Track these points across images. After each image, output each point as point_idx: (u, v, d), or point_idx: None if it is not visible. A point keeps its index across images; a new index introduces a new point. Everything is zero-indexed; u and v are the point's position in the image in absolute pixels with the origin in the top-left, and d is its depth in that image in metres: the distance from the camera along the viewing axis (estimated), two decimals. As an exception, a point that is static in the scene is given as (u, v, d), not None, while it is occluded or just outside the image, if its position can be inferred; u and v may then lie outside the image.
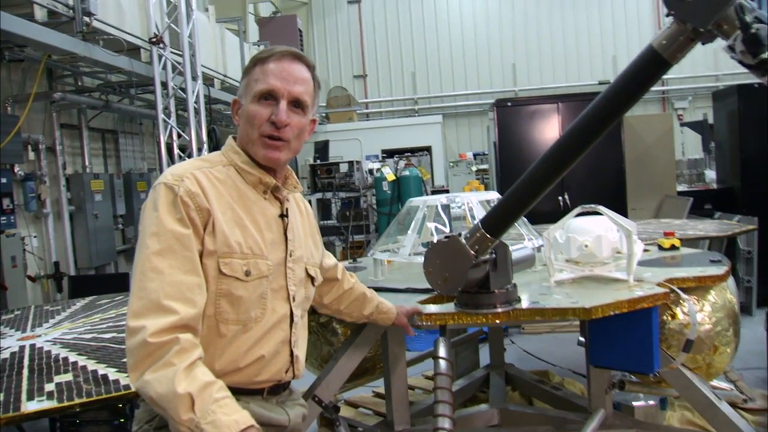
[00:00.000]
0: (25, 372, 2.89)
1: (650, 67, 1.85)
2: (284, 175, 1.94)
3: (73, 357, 3.08)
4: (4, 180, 6.16)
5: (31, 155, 6.91)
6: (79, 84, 7.80)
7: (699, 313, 2.98)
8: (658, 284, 2.79)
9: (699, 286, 2.98)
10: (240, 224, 1.76)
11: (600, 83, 14.85)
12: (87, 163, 8.09)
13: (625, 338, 2.77)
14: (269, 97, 1.78)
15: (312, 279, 2.02)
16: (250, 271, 1.74)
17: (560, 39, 16.02)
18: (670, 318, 2.99)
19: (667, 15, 1.74)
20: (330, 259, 2.39)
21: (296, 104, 1.82)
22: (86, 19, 5.48)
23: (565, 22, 16.00)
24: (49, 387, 2.63)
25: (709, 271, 3.02)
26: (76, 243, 7.62)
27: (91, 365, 2.90)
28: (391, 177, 9.67)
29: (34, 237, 6.95)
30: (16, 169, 6.58)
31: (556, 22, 16.02)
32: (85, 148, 8.04)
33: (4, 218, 6.09)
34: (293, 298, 1.87)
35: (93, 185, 7.75)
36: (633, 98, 1.96)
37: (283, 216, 1.89)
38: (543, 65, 16.06)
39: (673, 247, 3.73)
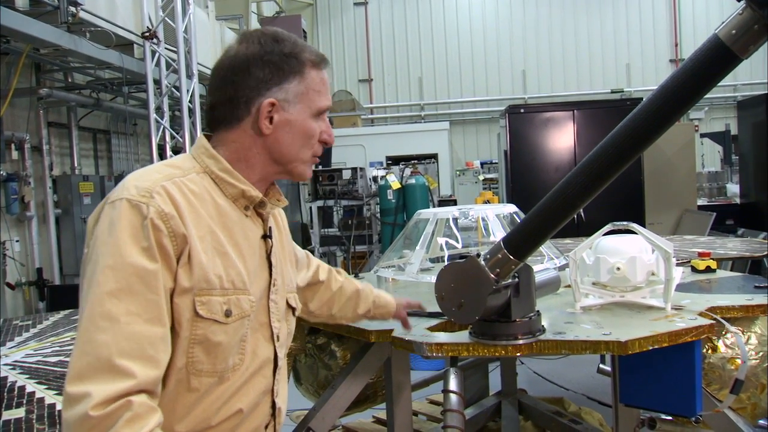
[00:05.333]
0: (-28, 405, 2.56)
1: (715, 62, 1.50)
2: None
3: (31, 386, 2.72)
4: (-19, 180, 5.86)
5: (15, 155, 6.67)
6: (69, 80, 7.53)
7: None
8: (700, 314, 2.49)
9: (744, 316, 2.68)
10: (221, 252, 1.40)
11: (613, 92, 14.70)
12: (76, 164, 7.86)
13: (662, 375, 2.46)
14: (321, 112, 1.56)
15: (293, 309, 1.68)
16: (231, 311, 1.39)
17: (572, 46, 15.78)
18: (710, 351, 2.69)
19: None
20: (311, 263, 2.04)
21: None
22: (72, 9, 5.14)
23: (577, 28, 15.78)
24: (-5, 426, 2.31)
25: (757, 299, 2.71)
26: (62, 249, 7.36)
27: (50, 397, 2.55)
28: (396, 185, 9.34)
29: (16, 241, 6.68)
30: (-3, 168, 6.29)
31: (568, 29, 15.80)
32: (74, 149, 7.80)
33: (-19, 221, 5.79)
34: (277, 337, 1.55)
35: (82, 187, 7.50)
36: (692, 98, 1.64)
37: (267, 237, 1.56)
38: (554, 72, 15.83)
39: (708, 269, 3.41)
